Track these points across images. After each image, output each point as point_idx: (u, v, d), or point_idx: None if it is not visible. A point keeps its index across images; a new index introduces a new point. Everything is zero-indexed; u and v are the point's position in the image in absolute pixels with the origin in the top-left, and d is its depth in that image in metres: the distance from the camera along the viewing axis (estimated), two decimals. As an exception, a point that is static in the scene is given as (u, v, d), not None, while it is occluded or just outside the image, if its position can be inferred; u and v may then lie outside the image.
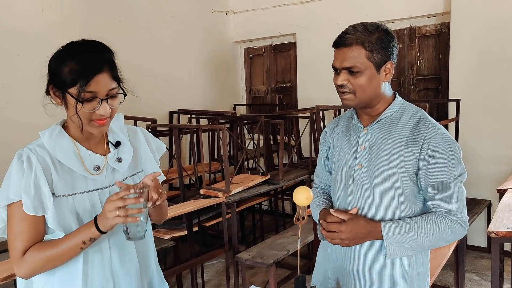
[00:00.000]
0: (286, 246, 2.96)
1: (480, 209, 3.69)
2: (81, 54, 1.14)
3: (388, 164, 1.34)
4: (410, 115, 1.38)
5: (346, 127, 1.49)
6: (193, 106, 4.97)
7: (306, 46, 5.06)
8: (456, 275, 3.17)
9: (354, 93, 1.33)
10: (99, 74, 1.13)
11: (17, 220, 1.14)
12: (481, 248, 4.07)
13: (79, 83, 1.11)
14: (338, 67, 1.32)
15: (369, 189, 1.37)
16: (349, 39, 1.29)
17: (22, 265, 1.14)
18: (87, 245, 1.14)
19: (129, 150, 1.31)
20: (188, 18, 5.03)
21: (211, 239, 4.40)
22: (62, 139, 1.21)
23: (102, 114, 1.15)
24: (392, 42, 1.32)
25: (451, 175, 1.31)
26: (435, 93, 4.46)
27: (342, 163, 1.46)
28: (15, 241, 1.14)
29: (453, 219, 1.31)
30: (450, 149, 1.32)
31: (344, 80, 1.32)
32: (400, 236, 1.30)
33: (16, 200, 1.14)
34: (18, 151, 1.18)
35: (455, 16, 4.00)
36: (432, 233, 1.30)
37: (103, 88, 1.14)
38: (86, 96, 1.12)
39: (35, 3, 3.64)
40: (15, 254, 1.14)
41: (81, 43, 1.18)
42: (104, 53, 1.18)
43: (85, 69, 1.12)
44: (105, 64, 1.15)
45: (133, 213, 1.08)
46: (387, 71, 1.33)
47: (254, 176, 3.60)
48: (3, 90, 3.44)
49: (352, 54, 1.29)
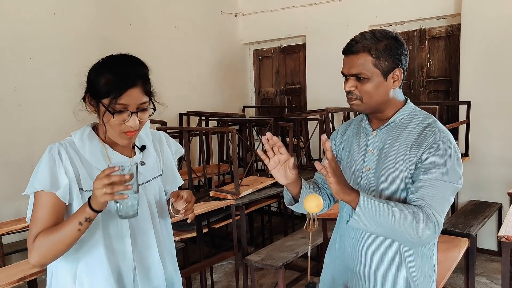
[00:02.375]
0: (295, 248, 2.96)
1: (491, 212, 3.66)
2: (118, 67, 1.21)
3: (394, 167, 1.35)
4: (420, 120, 1.38)
5: (357, 130, 1.51)
6: (202, 107, 4.99)
7: (315, 48, 5.06)
8: (466, 278, 3.15)
9: (361, 99, 1.34)
10: (131, 88, 1.19)
11: (38, 207, 1.20)
12: (492, 251, 4.04)
13: (112, 95, 1.17)
14: (346, 73, 1.35)
15: (376, 192, 1.37)
16: (357, 47, 1.31)
17: (33, 250, 1.19)
18: (84, 226, 1.16)
19: (152, 154, 1.39)
20: (197, 20, 5.06)
21: (220, 241, 4.41)
22: (91, 140, 1.28)
23: (131, 126, 1.21)
24: (400, 49, 1.32)
25: (443, 177, 1.27)
26: (445, 95, 4.44)
27: (351, 165, 1.47)
28: (32, 227, 1.20)
29: (430, 215, 1.23)
30: (450, 154, 1.29)
31: (352, 87, 1.34)
32: (374, 205, 1.21)
33: (39, 190, 1.19)
34: (50, 145, 1.24)
35: (465, 18, 3.97)
36: (407, 218, 1.21)
37: (134, 102, 1.20)
38: (117, 108, 1.18)
39: (47, 7, 3.68)
40: (29, 240, 1.20)
41: (119, 57, 1.25)
42: (139, 68, 1.24)
43: (119, 82, 1.18)
44: (138, 79, 1.21)
45: (119, 189, 1.09)
46: (395, 78, 1.33)
47: (263, 179, 3.61)
48: (15, 93, 3.49)
49: (359, 62, 1.30)
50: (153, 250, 1.35)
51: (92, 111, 1.25)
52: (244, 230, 3.24)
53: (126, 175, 1.11)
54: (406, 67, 1.35)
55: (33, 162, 3.61)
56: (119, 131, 1.22)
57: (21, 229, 2.77)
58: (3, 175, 3.43)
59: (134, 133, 1.24)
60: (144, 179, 1.35)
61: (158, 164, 1.41)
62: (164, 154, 1.44)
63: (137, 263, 1.31)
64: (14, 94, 3.48)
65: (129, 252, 1.29)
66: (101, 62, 1.24)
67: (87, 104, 1.25)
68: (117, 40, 4.08)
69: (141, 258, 1.32)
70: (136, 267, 1.31)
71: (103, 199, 1.10)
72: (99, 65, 1.24)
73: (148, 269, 1.34)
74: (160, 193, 1.42)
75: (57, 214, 1.21)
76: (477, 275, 3.49)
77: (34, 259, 1.20)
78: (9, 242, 3.28)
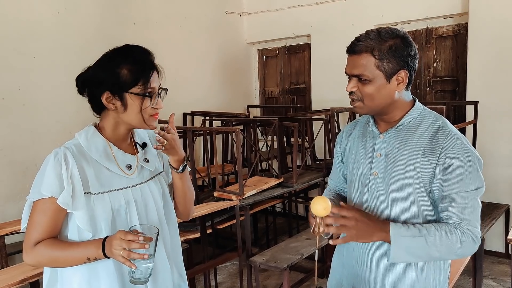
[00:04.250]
0: (300, 250, 2.93)
1: (499, 214, 3.61)
2: (132, 56, 1.23)
3: (404, 174, 1.30)
4: (430, 123, 1.32)
5: (363, 132, 1.46)
6: (206, 107, 4.97)
7: (320, 48, 5.02)
8: (473, 281, 3.11)
9: (363, 100, 1.30)
10: (154, 71, 1.25)
11: (39, 212, 1.20)
12: (499, 253, 4.00)
13: (142, 81, 1.21)
14: (348, 73, 1.31)
15: (385, 198, 1.34)
16: (359, 46, 1.26)
17: (32, 254, 1.20)
18: (91, 261, 1.19)
19: (153, 151, 1.40)
20: (201, 19, 5.04)
21: (224, 241, 4.39)
22: (97, 139, 1.27)
23: (158, 108, 1.26)
24: (407, 50, 1.25)
25: (467, 187, 1.25)
26: (452, 95, 4.39)
27: (358, 170, 1.43)
28: (32, 230, 1.20)
29: (465, 232, 1.23)
30: (469, 160, 1.26)
31: (353, 87, 1.29)
32: (408, 240, 1.22)
33: (47, 196, 1.18)
34: (55, 149, 1.22)
35: (473, 17, 3.92)
36: (442, 244, 1.23)
37: (156, 84, 1.26)
38: (149, 91, 1.23)
39: (51, 6, 3.67)
40: (28, 242, 1.20)
41: (127, 47, 1.27)
42: (147, 53, 1.27)
43: (143, 67, 1.22)
44: (154, 63, 1.27)
45: (135, 257, 1.12)
46: (399, 80, 1.27)
47: (268, 179, 3.58)
48: (19, 93, 3.47)
49: (361, 62, 1.26)
50: (161, 254, 1.33)
51: (113, 109, 1.23)
52: (249, 231, 3.21)
53: (147, 245, 1.11)
54: (413, 68, 1.29)
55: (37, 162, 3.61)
56: (149, 116, 1.25)
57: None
58: (7, 175, 3.41)
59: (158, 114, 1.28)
60: (150, 175, 1.35)
61: (159, 161, 1.42)
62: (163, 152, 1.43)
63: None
64: (18, 93, 3.47)
65: None
66: (106, 59, 1.24)
67: (105, 103, 1.22)
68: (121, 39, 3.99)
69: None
70: None
71: (117, 260, 1.14)
72: (107, 61, 1.23)
73: (156, 273, 1.31)
74: (165, 192, 1.41)
75: (58, 221, 1.22)
76: (484, 277, 3.44)
77: (31, 261, 1.23)
78: (12, 242, 3.27)
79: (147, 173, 1.35)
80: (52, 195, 1.18)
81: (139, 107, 1.22)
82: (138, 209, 1.29)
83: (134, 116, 1.24)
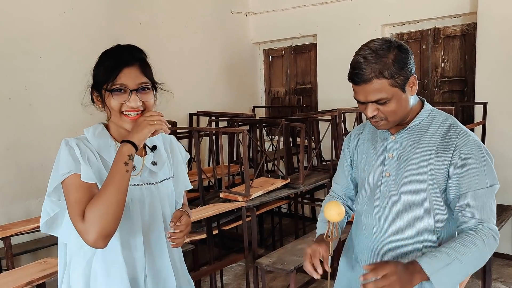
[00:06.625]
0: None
1: (508, 216, 3.57)
2: (113, 54, 1.24)
3: (417, 173, 1.30)
4: (440, 122, 1.33)
5: (372, 134, 1.45)
6: (212, 107, 4.95)
7: (326, 48, 4.99)
8: (482, 284, 3.08)
9: (387, 119, 1.29)
10: (127, 67, 1.20)
11: (71, 191, 1.15)
12: (508, 255, 3.95)
13: (111, 78, 1.19)
14: (363, 101, 1.28)
15: (397, 198, 1.33)
16: (366, 74, 1.22)
17: (88, 227, 1.10)
18: (130, 165, 1.15)
19: (164, 155, 1.38)
20: (207, 19, 5.02)
21: (230, 242, 4.38)
22: (104, 137, 1.27)
23: (132, 106, 1.20)
24: (407, 57, 1.25)
25: (484, 183, 1.25)
26: (460, 95, 4.34)
27: (369, 172, 1.41)
28: (74, 209, 1.13)
29: (487, 233, 1.22)
30: (483, 156, 1.27)
31: (374, 111, 1.28)
32: (445, 271, 1.17)
33: (67, 175, 1.15)
34: (64, 139, 1.22)
35: (481, 17, 3.88)
36: (474, 256, 1.20)
37: (132, 81, 1.20)
38: (115, 87, 1.19)
39: (57, 6, 3.66)
40: (78, 222, 1.12)
41: (116, 46, 1.27)
42: (133, 51, 1.25)
43: (114, 64, 1.20)
44: (133, 60, 1.22)
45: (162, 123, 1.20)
46: (411, 85, 1.28)
47: (274, 180, 3.55)
48: (25, 93, 3.47)
49: (375, 88, 1.23)
50: (164, 256, 1.33)
51: (100, 107, 1.25)
52: (255, 232, 3.19)
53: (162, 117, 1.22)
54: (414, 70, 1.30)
55: (43, 162, 3.62)
56: (121, 113, 1.21)
57: (31, 230, 2.74)
58: (13, 174, 3.41)
59: (138, 117, 1.21)
60: (157, 178, 1.34)
61: (169, 166, 1.41)
62: (175, 157, 1.44)
63: (148, 267, 1.29)
64: (24, 93, 3.47)
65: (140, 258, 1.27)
66: (99, 58, 1.27)
67: (95, 101, 1.26)
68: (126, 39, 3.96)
69: (153, 262, 1.30)
70: (147, 270, 1.29)
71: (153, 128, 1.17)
72: (98, 59, 1.27)
73: (159, 273, 1.31)
74: (172, 196, 1.40)
75: (93, 189, 1.17)
76: (493, 280, 3.40)
77: (93, 234, 1.10)
78: (18, 242, 3.27)
79: (155, 176, 1.33)
80: (70, 171, 1.15)
81: (110, 104, 1.21)
82: (141, 209, 1.27)
83: (109, 113, 1.24)
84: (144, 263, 1.28)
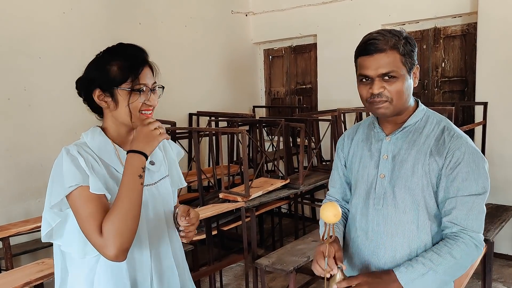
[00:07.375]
0: (306, 252, 2.89)
1: (508, 216, 3.55)
2: (124, 52, 1.23)
3: (412, 174, 1.29)
4: (434, 124, 1.33)
5: (366, 135, 1.44)
6: (212, 107, 4.95)
7: (326, 47, 4.98)
8: (483, 284, 3.06)
9: (391, 100, 1.27)
10: (145, 67, 1.23)
11: (82, 205, 1.12)
12: (509, 256, 3.94)
13: (132, 77, 1.20)
14: (373, 75, 1.25)
15: (392, 200, 1.32)
16: (382, 44, 1.23)
17: (107, 242, 1.09)
18: (143, 176, 1.16)
19: (159, 154, 1.39)
20: (207, 19, 5.02)
21: (229, 242, 4.37)
22: (102, 140, 1.26)
23: (152, 105, 1.24)
24: (414, 47, 1.29)
25: (472, 190, 1.24)
26: (461, 95, 4.33)
27: (363, 173, 1.40)
28: (89, 224, 1.11)
29: (467, 241, 1.23)
30: (474, 161, 1.25)
31: (381, 88, 1.25)
32: (419, 281, 1.22)
33: (74, 187, 1.13)
34: (65, 147, 1.20)
35: (482, 16, 3.87)
36: (450, 266, 1.22)
37: (149, 81, 1.24)
38: (139, 86, 1.21)
39: (57, 6, 3.66)
40: (95, 237, 1.10)
41: (120, 45, 1.27)
42: (141, 51, 1.27)
43: (134, 63, 1.21)
44: (146, 60, 1.25)
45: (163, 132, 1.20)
46: (414, 76, 1.30)
47: (274, 180, 3.55)
48: (25, 93, 3.47)
49: (389, 59, 1.23)
50: (168, 256, 1.34)
51: (105, 106, 1.23)
52: (254, 232, 3.19)
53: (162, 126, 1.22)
54: None
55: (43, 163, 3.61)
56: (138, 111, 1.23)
57: (30, 230, 2.74)
58: (12, 175, 3.41)
59: (152, 114, 1.26)
60: (155, 178, 1.34)
61: (165, 164, 1.41)
62: (168, 156, 1.45)
63: (154, 269, 1.29)
64: (23, 94, 3.46)
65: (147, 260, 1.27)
66: (101, 56, 1.25)
67: (97, 100, 1.23)
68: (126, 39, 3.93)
69: (159, 263, 1.31)
70: (153, 273, 1.29)
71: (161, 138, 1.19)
72: (100, 58, 1.24)
73: (163, 276, 1.32)
74: (170, 195, 1.41)
75: (105, 201, 1.16)
76: (494, 280, 3.39)
77: (113, 250, 1.09)
78: (17, 242, 3.27)
79: (153, 175, 1.33)
80: (77, 183, 1.12)
81: (127, 102, 1.20)
82: (145, 212, 1.27)
83: (123, 112, 1.22)
84: (150, 265, 1.28)
